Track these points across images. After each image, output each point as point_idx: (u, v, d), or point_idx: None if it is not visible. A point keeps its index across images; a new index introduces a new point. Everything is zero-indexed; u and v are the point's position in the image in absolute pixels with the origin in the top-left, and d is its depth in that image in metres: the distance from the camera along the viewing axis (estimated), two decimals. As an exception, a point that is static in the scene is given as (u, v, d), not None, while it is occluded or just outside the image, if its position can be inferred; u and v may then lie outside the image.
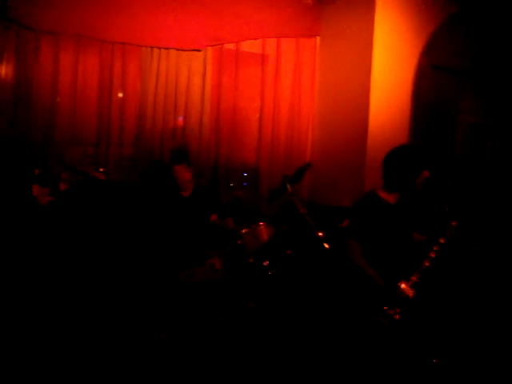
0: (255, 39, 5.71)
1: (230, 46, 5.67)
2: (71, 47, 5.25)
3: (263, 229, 4.38)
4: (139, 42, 5.41)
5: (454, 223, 3.46)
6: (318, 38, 5.93)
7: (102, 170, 4.84)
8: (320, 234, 4.20)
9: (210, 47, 5.60)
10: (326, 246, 4.14)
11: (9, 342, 3.51)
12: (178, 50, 5.52)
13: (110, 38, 5.31)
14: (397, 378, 3.29)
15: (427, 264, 3.35)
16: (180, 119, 5.56)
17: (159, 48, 5.49)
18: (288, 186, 4.35)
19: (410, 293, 3.29)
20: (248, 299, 4.13)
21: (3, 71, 5.11)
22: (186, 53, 5.56)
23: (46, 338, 3.63)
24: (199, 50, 5.57)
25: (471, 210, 4.00)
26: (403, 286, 3.31)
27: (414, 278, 3.32)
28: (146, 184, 5.25)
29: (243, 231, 4.39)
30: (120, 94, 5.43)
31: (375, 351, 3.36)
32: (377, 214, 3.50)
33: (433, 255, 3.36)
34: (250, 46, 5.74)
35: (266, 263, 4.19)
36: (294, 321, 4.06)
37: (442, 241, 3.40)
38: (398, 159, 3.51)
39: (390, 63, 5.17)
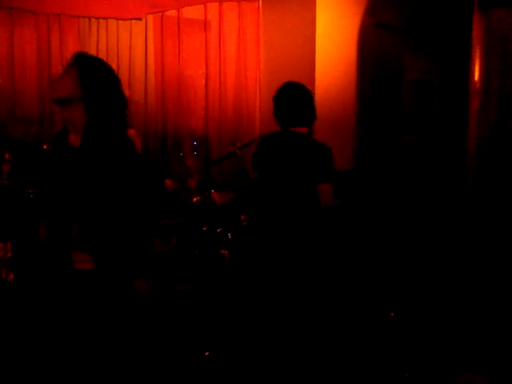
0: (197, 5, 5.57)
1: (172, 13, 5.52)
2: (4, 21, 5.03)
3: (214, 195, 4.35)
4: (76, 12, 5.22)
5: None
6: (260, 1, 5.82)
7: (45, 147, 4.71)
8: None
9: (150, 15, 5.45)
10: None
11: None
12: (117, 19, 5.35)
13: (44, 9, 5.11)
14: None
15: None
16: (124, 91, 5.41)
17: (97, 18, 5.30)
18: (237, 151, 4.33)
19: None
20: (203, 267, 4.10)
21: None
22: (127, 22, 5.39)
23: None
24: (140, 19, 5.41)
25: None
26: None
27: None
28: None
29: (194, 199, 4.35)
30: (60, 68, 5.24)
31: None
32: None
33: None
34: (191, 13, 5.60)
35: (219, 230, 4.16)
36: (251, 285, 4.06)
37: None
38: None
39: (334, 21, 5.16)
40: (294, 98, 3.51)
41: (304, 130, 3.49)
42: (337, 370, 3.33)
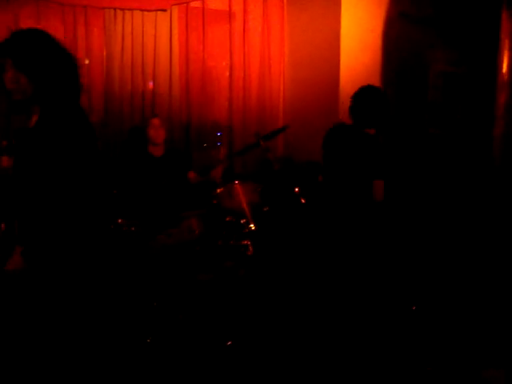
0: (221, -5, 5.58)
1: (196, 4, 5.52)
2: (31, 13, 5.09)
3: (238, 187, 4.35)
4: (102, 4, 5.25)
5: None
6: (285, -8, 5.81)
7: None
8: (296, 189, 4.22)
9: (175, 6, 5.45)
10: (303, 200, 4.16)
11: None
12: (142, 10, 5.37)
13: (70, 1, 5.15)
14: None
15: None
16: (149, 82, 5.46)
17: (123, 10, 5.33)
18: (261, 142, 4.33)
19: None
20: (226, 258, 4.12)
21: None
22: (151, 13, 5.41)
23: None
24: (165, 10, 5.43)
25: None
26: None
27: None
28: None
29: (218, 191, 4.36)
30: (86, 61, 5.29)
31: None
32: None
33: None
34: (216, 4, 5.60)
35: (243, 221, 4.17)
36: (274, 277, 4.08)
37: None
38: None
39: (359, 12, 5.11)
40: (373, 103, 3.76)
41: (372, 131, 3.79)
42: (361, 363, 3.32)
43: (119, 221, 4.08)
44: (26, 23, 5.06)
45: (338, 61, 5.06)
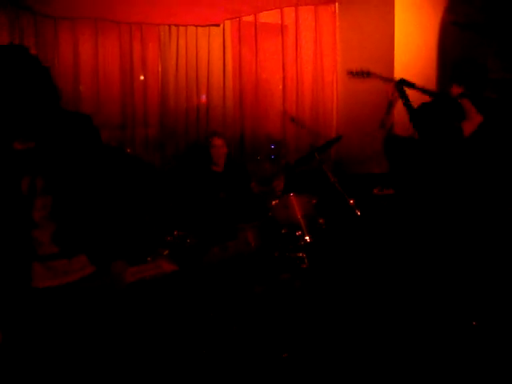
0: (273, 9, 5.62)
1: (249, 19, 5.58)
2: (89, 31, 5.25)
3: (293, 199, 4.35)
4: (157, 21, 5.37)
5: None
6: (336, 4, 5.79)
7: (128, 151, 4.86)
8: (351, 201, 4.19)
9: (228, 21, 5.53)
10: (358, 213, 4.13)
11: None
12: (196, 26, 5.46)
13: (127, 19, 5.28)
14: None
15: None
16: (203, 96, 5.53)
17: (177, 26, 5.44)
18: (316, 154, 4.33)
19: None
20: (282, 270, 4.11)
21: (24, 62, 5.13)
22: (205, 28, 5.50)
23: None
24: (218, 25, 5.51)
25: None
26: None
27: None
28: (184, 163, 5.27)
29: (273, 203, 4.37)
30: (142, 77, 5.41)
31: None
32: None
33: None
34: (268, 17, 5.65)
35: (298, 233, 4.17)
36: (330, 289, 4.05)
37: None
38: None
39: (412, 22, 5.06)
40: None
41: None
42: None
43: (175, 233, 4.14)
44: (85, 40, 5.23)
45: (392, 70, 5.02)
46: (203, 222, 4.46)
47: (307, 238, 4.15)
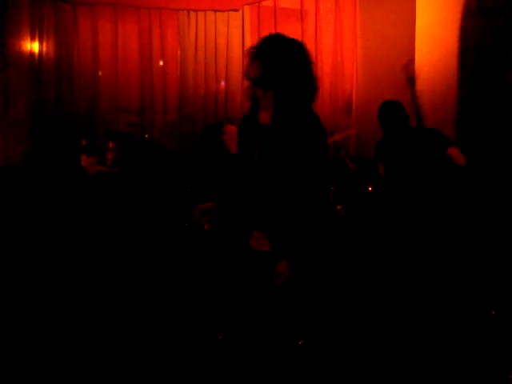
0: (293, -6, 5.57)
1: (268, 3, 5.54)
2: (109, 16, 5.27)
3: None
4: (176, 5, 5.37)
5: None
6: (357, -11, 5.73)
7: (146, 136, 4.88)
8: (369, 188, 4.16)
9: (247, 6, 5.50)
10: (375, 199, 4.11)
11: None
12: (215, 11, 5.45)
13: (146, 4, 5.30)
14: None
15: None
16: (221, 82, 5.52)
17: (196, 11, 5.43)
18: (335, 140, 4.30)
19: None
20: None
21: (44, 47, 5.17)
22: (224, 13, 5.48)
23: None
24: (237, 10, 5.48)
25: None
26: None
27: None
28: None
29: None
30: (161, 62, 5.42)
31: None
32: None
33: None
34: (287, 2, 5.60)
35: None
36: (345, 277, 4.03)
37: None
38: None
39: (435, 8, 4.96)
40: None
41: None
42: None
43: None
44: (104, 26, 5.25)
45: (413, 57, 4.94)
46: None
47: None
